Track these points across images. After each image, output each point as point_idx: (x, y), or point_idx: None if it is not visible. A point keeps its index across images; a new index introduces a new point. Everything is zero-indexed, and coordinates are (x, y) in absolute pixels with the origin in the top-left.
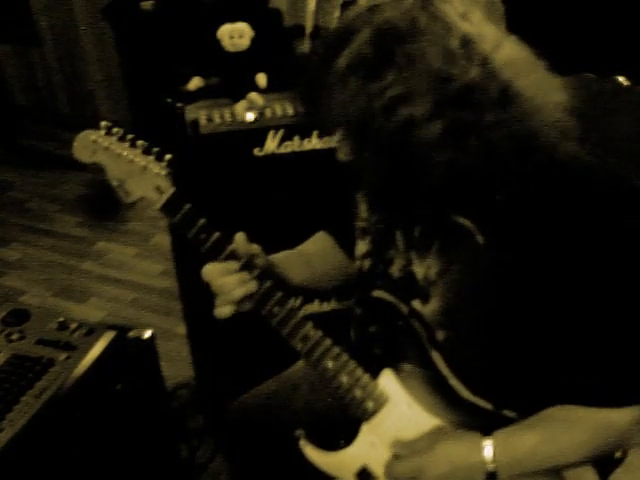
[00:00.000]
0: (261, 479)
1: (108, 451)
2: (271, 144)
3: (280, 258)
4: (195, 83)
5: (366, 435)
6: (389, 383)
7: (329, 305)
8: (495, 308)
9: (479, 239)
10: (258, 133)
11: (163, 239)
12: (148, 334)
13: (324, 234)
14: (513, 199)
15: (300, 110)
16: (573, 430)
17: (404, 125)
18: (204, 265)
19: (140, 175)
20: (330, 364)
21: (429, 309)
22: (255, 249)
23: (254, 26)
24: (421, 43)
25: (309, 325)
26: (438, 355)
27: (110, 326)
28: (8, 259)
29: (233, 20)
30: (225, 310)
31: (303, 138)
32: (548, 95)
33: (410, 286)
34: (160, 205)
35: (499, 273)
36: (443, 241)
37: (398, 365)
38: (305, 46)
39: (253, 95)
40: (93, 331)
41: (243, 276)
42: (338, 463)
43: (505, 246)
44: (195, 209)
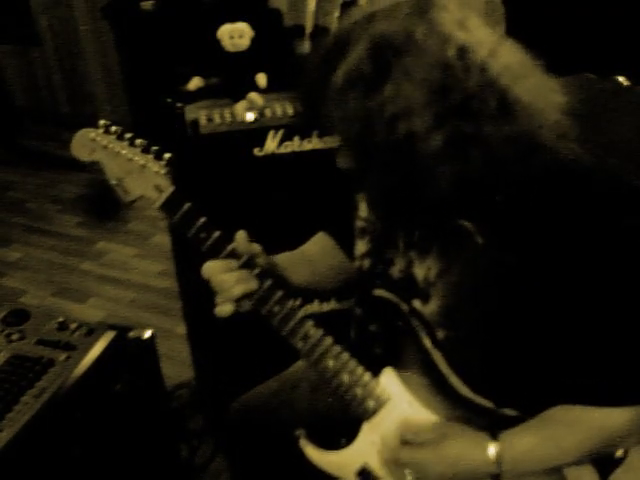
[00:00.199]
0: (261, 479)
1: (108, 451)
2: (271, 144)
3: (281, 258)
4: (195, 83)
5: (367, 434)
6: (390, 382)
7: (329, 305)
8: (495, 308)
9: (479, 240)
10: (258, 133)
11: (163, 239)
12: (148, 334)
13: (324, 235)
14: (513, 200)
15: (300, 111)
16: (575, 431)
17: (405, 139)
18: (204, 263)
19: (139, 174)
20: (331, 363)
21: (429, 309)
22: (256, 248)
23: (254, 26)
24: (418, 56)
25: (309, 324)
26: (438, 354)
27: (110, 326)
28: (8, 259)
29: (233, 20)
30: (225, 308)
31: (303, 138)
32: (546, 98)
33: (410, 286)
34: (159, 204)
35: (499, 274)
36: (443, 242)
37: (399, 364)
38: (305, 46)
39: (253, 95)
40: (93, 331)
41: (243, 274)
42: (339, 462)
43: (505, 247)
44: (195, 208)
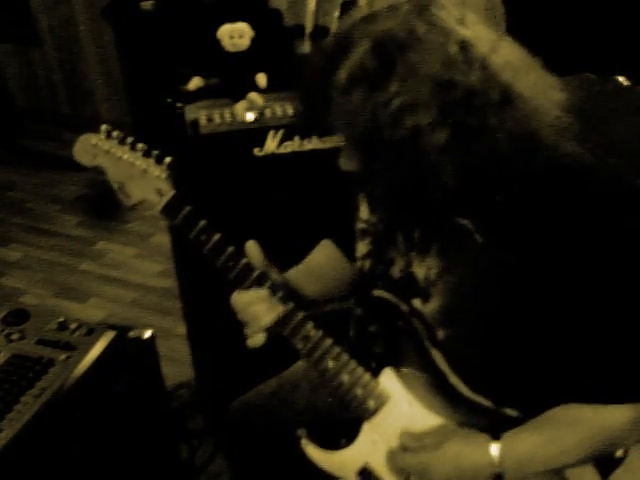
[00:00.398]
0: (261, 479)
1: (108, 451)
2: (271, 144)
3: (292, 275)
4: (195, 83)
5: (367, 434)
6: (390, 382)
7: (329, 306)
8: (495, 308)
9: (479, 239)
10: (258, 133)
11: (163, 239)
12: (148, 334)
13: (328, 243)
14: (513, 199)
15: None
16: (577, 431)
17: (411, 134)
18: (232, 293)
19: (140, 178)
20: (331, 364)
21: (429, 308)
22: (265, 260)
23: (254, 26)
24: (421, 51)
25: (309, 325)
26: (438, 354)
27: (110, 326)
28: (8, 259)
29: (233, 20)
30: (258, 340)
31: (303, 138)
32: (547, 94)
33: (410, 286)
34: (160, 208)
35: (499, 273)
36: (443, 242)
37: (399, 364)
38: (305, 46)
39: (253, 95)
40: (93, 331)
41: (271, 303)
42: (340, 462)
43: (505, 246)
44: (195, 211)
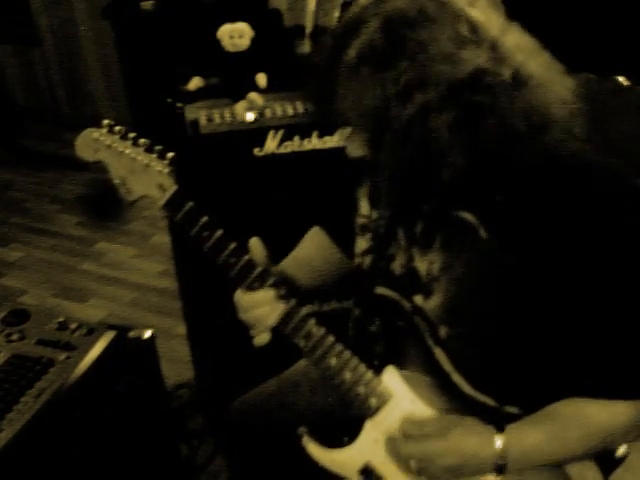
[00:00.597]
0: (261, 479)
1: (108, 451)
2: (271, 144)
3: (285, 266)
4: (195, 83)
5: (370, 432)
6: (392, 380)
7: (329, 306)
8: (498, 303)
9: (482, 234)
10: (258, 133)
11: (163, 239)
12: (148, 334)
13: (318, 230)
14: (516, 195)
15: (301, 110)
16: (579, 426)
17: (420, 111)
18: (235, 293)
19: (142, 173)
20: (333, 361)
21: (431, 305)
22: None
23: (254, 26)
24: (431, 29)
25: (311, 322)
26: (441, 351)
27: (110, 326)
28: (8, 259)
29: (233, 20)
30: (264, 338)
31: (303, 138)
32: (557, 79)
33: (412, 282)
34: (162, 203)
35: (502, 268)
36: (446, 236)
37: (400, 362)
38: (305, 46)
39: (253, 95)
40: (93, 331)
41: (275, 302)
42: (342, 460)
43: (508, 241)
44: (197, 207)
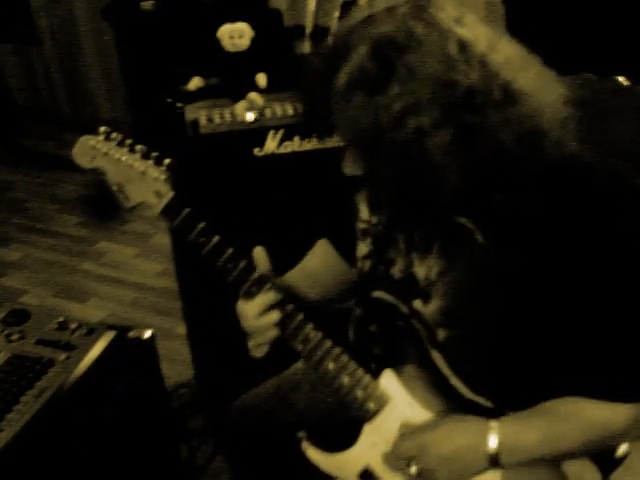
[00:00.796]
0: (261, 479)
1: (108, 451)
2: (271, 144)
3: (289, 279)
4: (195, 83)
5: (368, 436)
6: (390, 383)
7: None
8: (496, 307)
9: (479, 239)
10: (258, 133)
11: (163, 239)
12: (148, 334)
13: (325, 243)
14: (513, 199)
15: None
16: (574, 423)
17: (414, 135)
18: (237, 304)
19: (139, 180)
20: (331, 365)
21: (430, 309)
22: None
23: (254, 26)
24: (420, 53)
25: (309, 327)
26: (439, 355)
27: (110, 326)
28: (8, 259)
29: (233, 20)
30: (261, 351)
31: (303, 138)
32: (548, 88)
33: (411, 286)
34: (159, 210)
35: (500, 272)
36: (444, 241)
37: (399, 365)
38: (305, 46)
39: (253, 95)
40: (93, 331)
41: (276, 315)
42: (340, 464)
43: (505, 246)
44: (194, 213)
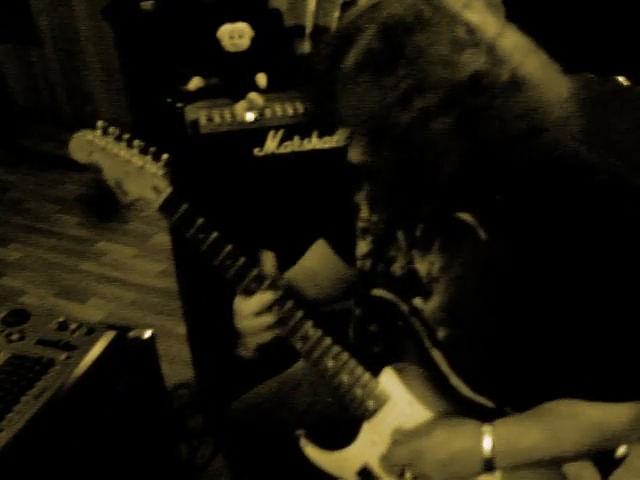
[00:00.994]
0: (261, 479)
1: (108, 451)
2: (271, 144)
3: (288, 277)
4: (195, 83)
5: (367, 434)
6: (390, 382)
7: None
8: (497, 304)
9: (481, 235)
10: (258, 133)
11: (163, 239)
12: (148, 334)
13: (322, 243)
14: (514, 195)
15: (301, 110)
16: (572, 425)
17: (420, 116)
18: (235, 300)
19: (137, 175)
20: (330, 363)
21: (431, 306)
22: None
23: (254, 26)
24: (428, 34)
25: (308, 324)
26: (439, 353)
27: (110, 326)
28: (8, 259)
29: (233, 20)
30: (251, 352)
31: (303, 138)
32: (554, 77)
33: (412, 284)
34: (158, 205)
35: (501, 269)
36: (445, 237)
37: (398, 363)
38: (305, 46)
39: (253, 95)
40: (93, 331)
41: (272, 317)
42: (339, 462)
43: (507, 242)
44: (193, 209)
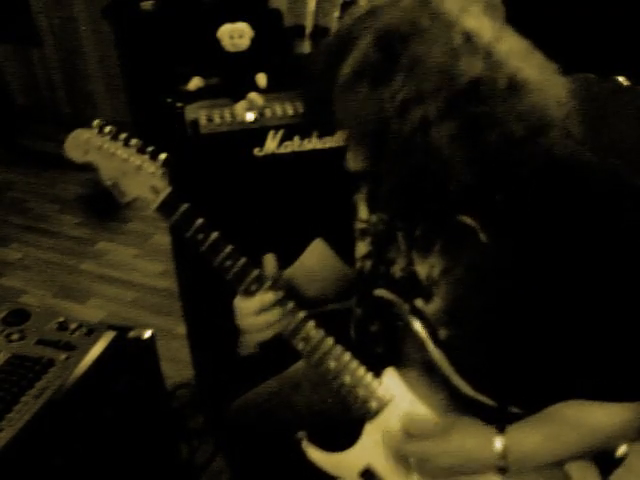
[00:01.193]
0: (261, 479)
1: (108, 451)
2: (271, 144)
3: (286, 276)
4: (195, 83)
5: (370, 435)
6: (392, 382)
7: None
8: (498, 306)
9: (482, 237)
10: (258, 133)
11: (163, 239)
12: (148, 334)
13: (320, 243)
14: (515, 197)
15: (301, 110)
16: (578, 428)
17: (419, 126)
18: (235, 299)
19: (135, 175)
20: (332, 364)
21: (432, 308)
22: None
23: (254, 26)
24: (425, 43)
25: (310, 325)
26: (440, 354)
27: (110, 326)
28: (8, 259)
29: (233, 20)
30: (251, 349)
31: (303, 138)
32: (551, 80)
33: (412, 285)
34: (156, 205)
35: (502, 271)
36: (446, 240)
37: (400, 364)
38: (305, 46)
39: (253, 95)
40: (93, 331)
41: (275, 315)
42: (342, 464)
43: (508, 244)
44: (192, 209)
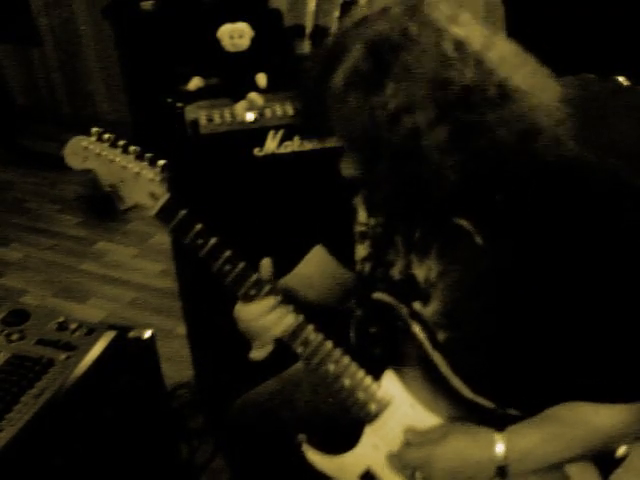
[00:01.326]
0: (261, 479)
1: (108, 451)
2: (271, 144)
3: (286, 282)
4: (195, 83)
5: (369, 437)
6: (391, 384)
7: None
8: (495, 308)
9: (478, 240)
10: (258, 133)
11: (163, 239)
12: (148, 334)
13: (320, 249)
14: (512, 199)
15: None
16: (578, 429)
17: (410, 134)
18: (235, 306)
19: (133, 181)
20: (331, 368)
21: (430, 310)
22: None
23: (254, 26)
24: (415, 52)
25: (310, 328)
26: (439, 356)
27: (110, 326)
28: (8, 259)
29: (233, 20)
30: (264, 351)
31: (303, 138)
32: (544, 86)
33: (411, 288)
34: (155, 212)
35: (499, 273)
36: (443, 243)
37: (399, 366)
38: (305, 46)
39: (253, 95)
40: (93, 331)
41: (279, 312)
42: (341, 466)
43: (504, 247)
44: (191, 215)
